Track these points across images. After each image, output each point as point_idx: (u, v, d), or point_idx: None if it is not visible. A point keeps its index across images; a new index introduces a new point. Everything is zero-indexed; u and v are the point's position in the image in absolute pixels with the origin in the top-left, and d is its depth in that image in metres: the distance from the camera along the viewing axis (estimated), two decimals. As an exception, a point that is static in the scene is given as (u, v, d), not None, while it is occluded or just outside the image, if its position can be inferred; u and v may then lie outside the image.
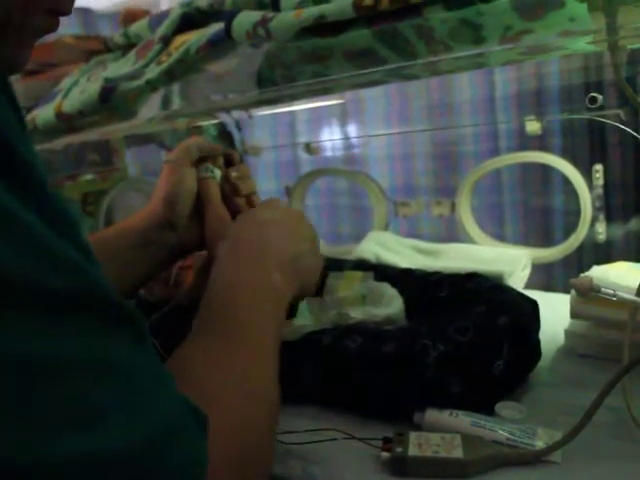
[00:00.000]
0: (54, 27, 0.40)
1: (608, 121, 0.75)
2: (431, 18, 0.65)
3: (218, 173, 0.68)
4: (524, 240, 1.30)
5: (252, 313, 0.49)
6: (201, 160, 0.69)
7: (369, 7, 0.61)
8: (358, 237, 1.20)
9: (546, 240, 1.28)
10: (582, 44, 0.70)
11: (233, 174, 0.70)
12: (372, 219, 1.24)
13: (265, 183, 1.64)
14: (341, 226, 1.62)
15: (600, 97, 0.70)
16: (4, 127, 0.29)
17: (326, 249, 1.27)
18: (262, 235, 0.57)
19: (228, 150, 0.71)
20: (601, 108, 0.78)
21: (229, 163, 0.71)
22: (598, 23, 0.62)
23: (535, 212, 1.32)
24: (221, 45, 0.78)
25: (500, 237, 1.18)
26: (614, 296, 0.48)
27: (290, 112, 1.54)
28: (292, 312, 0.77)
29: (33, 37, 0.40)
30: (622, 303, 0.51)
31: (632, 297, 0.50)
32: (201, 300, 0.51)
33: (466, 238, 1.11)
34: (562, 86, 1.21)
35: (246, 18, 0.72)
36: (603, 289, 0.48)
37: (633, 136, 0.74)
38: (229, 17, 0.73)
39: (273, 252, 0.56)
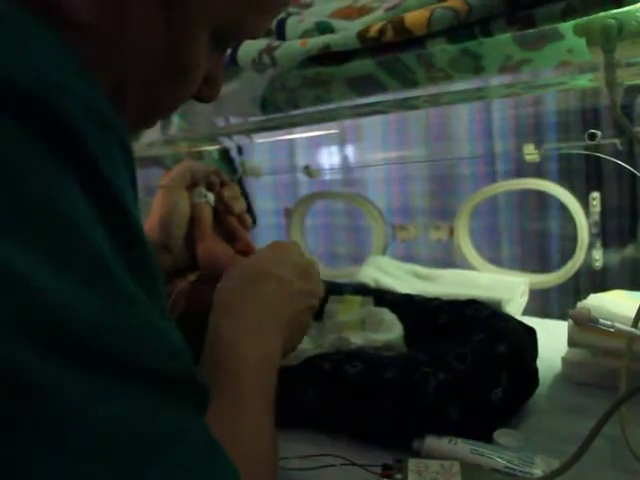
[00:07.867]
0: None
1: (604, 156, 0.76)
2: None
3: (211, 197, 0.70)
4: (521, 264, 1.31)
5: (252, 385, 0.48)
6: (194, 183, 0.70)
7: (374, 38, 0.63)
8: (356, 259, 1.21)
9: (543, 265, 1.28)
10: (584, 81, 0.71)
11: (226, 194, 0.71)
12: (370, 241, 1.25)
13: (264, 204, 1.64)
14: (339, 247, 1.63)
15: (599, 133, 0.72)
16: (123, 193, 0.29)
17: (324, 272, 1.28)
18: (262, 292, 0.54)
19: (219, 171, 0.72)
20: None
21: (221, 183, 0.73)
22: (596, 57, 0.64)
23: (532, 237, 1.33)
24: (226, 70, 0.80)
25: (497, 261, 1.18)
26: (612, 327, 0.49)
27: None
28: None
29: None
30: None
31: (629, 329, 0.51)
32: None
33: (463, 262, 1.12)
34: (559, 112, 1.22)
35: (252, 46, 0.73)
36: (601, 320, 0.48)
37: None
38: (235, 44, 0.75)
39: (273, 313, 0.53)
